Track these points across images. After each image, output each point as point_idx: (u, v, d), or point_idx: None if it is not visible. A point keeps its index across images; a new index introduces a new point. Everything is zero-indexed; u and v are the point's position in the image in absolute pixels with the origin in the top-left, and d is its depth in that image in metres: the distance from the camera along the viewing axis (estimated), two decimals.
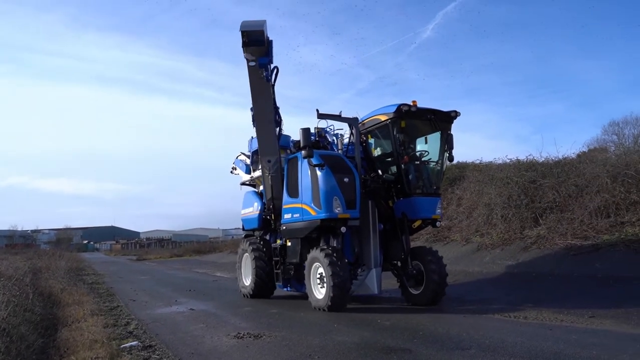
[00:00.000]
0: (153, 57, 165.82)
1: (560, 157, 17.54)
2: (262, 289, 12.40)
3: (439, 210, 11.11)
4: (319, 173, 10.18)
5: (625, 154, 16.94)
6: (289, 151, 12.36)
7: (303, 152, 10.29)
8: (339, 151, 11.87)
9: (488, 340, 6.79)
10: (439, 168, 11.35)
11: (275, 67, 9.95)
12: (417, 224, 11.06)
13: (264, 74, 9.60)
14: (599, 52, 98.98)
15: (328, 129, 12.55)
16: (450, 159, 11.33)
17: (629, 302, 9.18)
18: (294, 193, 11.09)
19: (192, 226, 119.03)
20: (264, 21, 9.05)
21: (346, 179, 10.21)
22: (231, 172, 15.40)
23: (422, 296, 10.45)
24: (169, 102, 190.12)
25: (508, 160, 18.42)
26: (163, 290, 16.16)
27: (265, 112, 10.73)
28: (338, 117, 11.31)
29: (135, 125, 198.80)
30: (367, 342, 7.01)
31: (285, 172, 11.59)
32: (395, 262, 11.04)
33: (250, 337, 7.62)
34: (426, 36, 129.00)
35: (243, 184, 14.73)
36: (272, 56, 9.48)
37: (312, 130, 11.34)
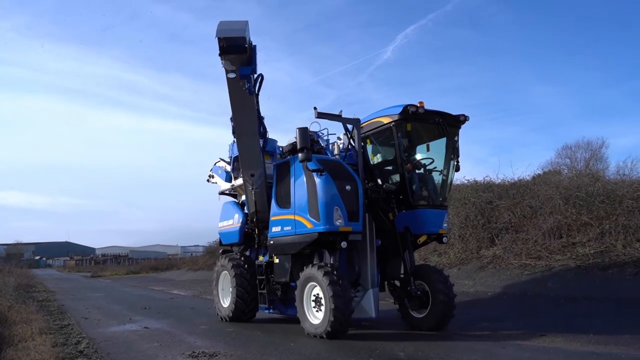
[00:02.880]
0: (112, 69, 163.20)
1: (516, 178, 18.18)
2: (244, 311, 11.12)
3: (445, 225, 9.99)
4: (317, 180, 8.98)
5: (577, 177, 17.58)
6: (278, 156, 11.37)
7: (300, 155, 8.93)
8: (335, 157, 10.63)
9: None
10: (444, 178, 10.21)
11: (260, 75, 8.60)
12: (422, 239, 9.99)
13: (246, 85, 8.26)
14: (554, 78, 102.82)
15: (320, 133, 11.33)
16: (457, 168, 10.30)
17: (579, 320, 9.46)
18: (284, 203, 9.94)
19: (149, 243, 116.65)
20: (246, 22, 7.67)
21: (348, 187, 9.08)
22: (208, 180, 13.97)
23: (427, 320, 9.34)
24: (128, 115, 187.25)
25: (466, 181, 18.88)
26: (117, 308, 15.72)
27: (248, 125, 9.52)
28: (339, 117, 10.14)
29: (92, 138, 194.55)
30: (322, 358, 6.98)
31: (273, 180, 10.47)
32: (394, 281, 10.10)
33: (205, 356, 7.46)
34: (387, 57, 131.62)
35: (222, 193, 13.39)
36: (255, 64, 8.15)
37: None
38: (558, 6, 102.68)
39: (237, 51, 7.53)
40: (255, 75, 8.49)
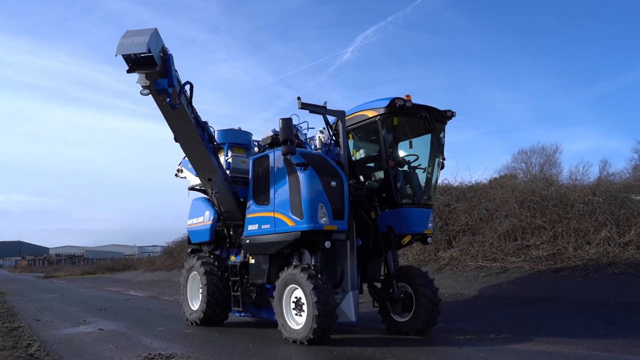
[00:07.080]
0: (67, 64, 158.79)
1: (473, 182, 18.54)
2: (215, 313, 10.54)
3: (430, 224, 9.65)
4: (300, 175, 8.45)
5: (531, 181, 18.10)
6: (257, 149, 10.76)
7: (283, 147, 8.37)
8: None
9: None
10: (429, 176, 9.84)
11: (188, 83, 8.25)
12: (406, 239, 9.64)
13: (167, 100, 7.51)
14: (511, 84, 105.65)
15: (299, 127, 10.83)
16: (442, 166, 9.98)
17: (531, 320, 9.73)
18: (262, 199, 9.44)
19: (106, 242, 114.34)
20: (152, 31, 6.89)
21: (333, 183, 8.56)
22: (176, 175, 12.90)
23: (410, 324, 9.09)
24: (84, 112, 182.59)
25: None
26: (71, 310, 15.30)
27: (187, 135, 8.99)
28: (323, 109, 9.56)
29: (45, 134, 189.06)
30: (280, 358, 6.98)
31: (250, 175, 10.01)
32: (374, 283, 9.85)
33: (161, 357, 7.35)
34: (346, 58, 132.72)
35: (192, 188, 12.28)
36: (172, 76, 7.41)
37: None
38: (515, 13, 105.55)
39: (146, 65, 6.87)
40: (182, 85, 8.05)
